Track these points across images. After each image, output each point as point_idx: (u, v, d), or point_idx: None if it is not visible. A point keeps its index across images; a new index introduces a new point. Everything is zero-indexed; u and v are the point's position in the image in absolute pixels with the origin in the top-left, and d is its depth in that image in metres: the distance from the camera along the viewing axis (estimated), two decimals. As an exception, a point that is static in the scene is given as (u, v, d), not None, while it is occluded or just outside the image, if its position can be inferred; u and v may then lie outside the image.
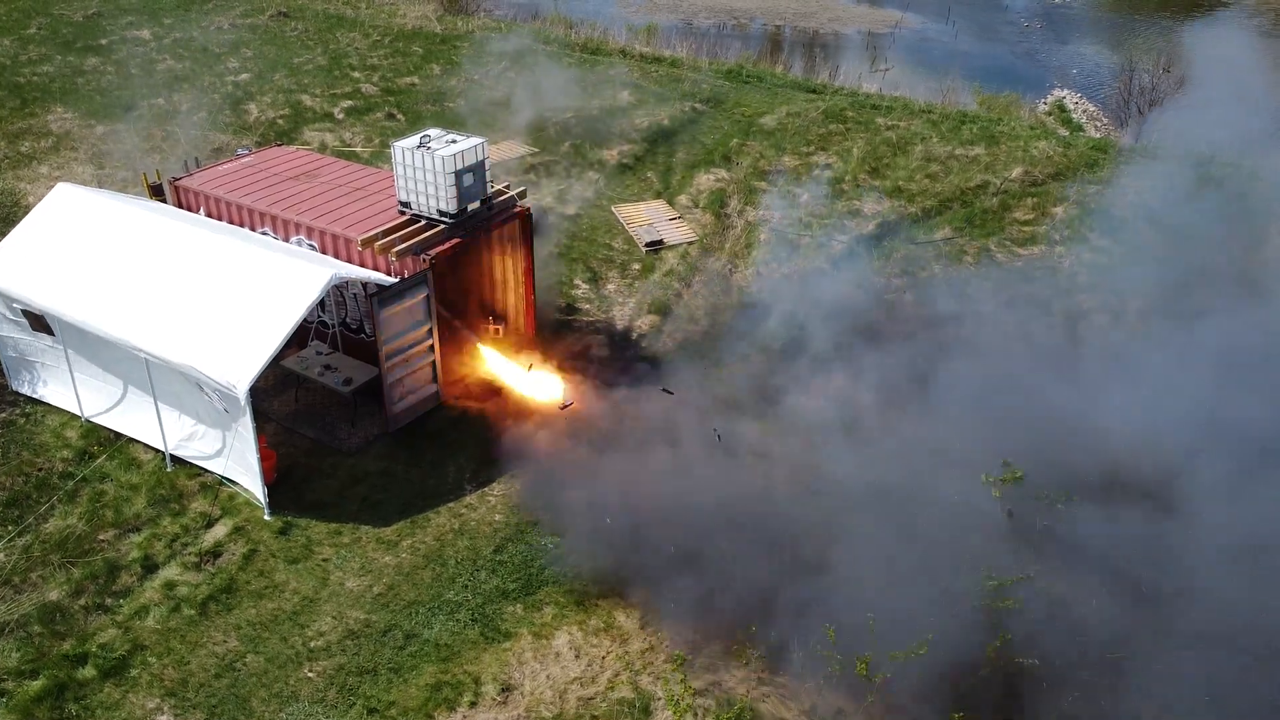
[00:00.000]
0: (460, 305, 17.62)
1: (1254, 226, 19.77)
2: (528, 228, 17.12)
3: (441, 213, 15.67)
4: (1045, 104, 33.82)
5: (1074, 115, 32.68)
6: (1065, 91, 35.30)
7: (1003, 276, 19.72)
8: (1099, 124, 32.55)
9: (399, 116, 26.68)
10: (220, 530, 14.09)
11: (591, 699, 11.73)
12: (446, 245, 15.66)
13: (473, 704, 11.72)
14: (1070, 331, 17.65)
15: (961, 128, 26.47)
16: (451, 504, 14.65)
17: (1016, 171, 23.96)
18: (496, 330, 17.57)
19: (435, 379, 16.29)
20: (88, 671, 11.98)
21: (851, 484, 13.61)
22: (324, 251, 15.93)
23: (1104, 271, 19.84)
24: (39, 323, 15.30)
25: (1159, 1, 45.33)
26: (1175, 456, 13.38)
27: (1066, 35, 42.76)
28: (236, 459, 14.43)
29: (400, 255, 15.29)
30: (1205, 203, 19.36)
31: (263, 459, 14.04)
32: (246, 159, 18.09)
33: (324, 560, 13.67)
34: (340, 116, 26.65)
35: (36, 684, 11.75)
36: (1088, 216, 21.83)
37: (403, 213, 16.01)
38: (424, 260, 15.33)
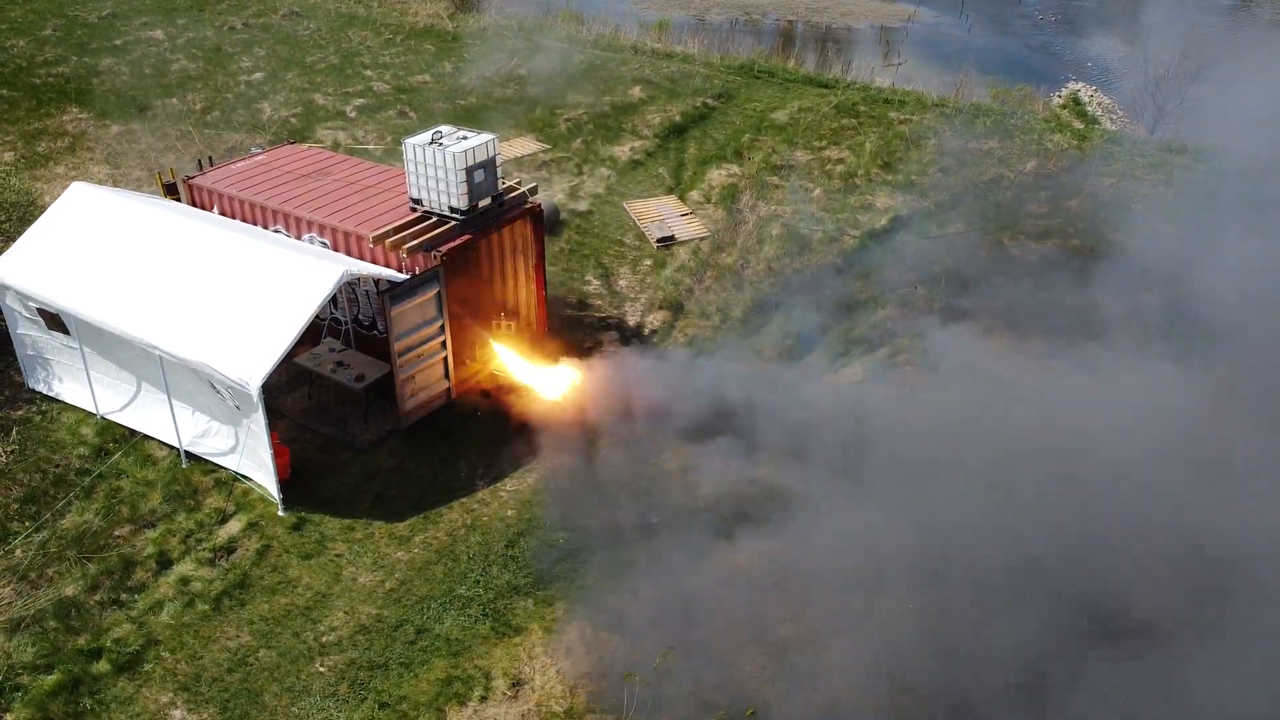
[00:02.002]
0: (472, 301, 17.64)
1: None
2: (539, 224, 17.14)
3: (453, 209, 15.71)
4: (1060, 97, 33.60)
5: (1089, 108, 32.45)
6: (1080, 84, 35.06)
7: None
8: (1114, 116, 32.34)
9: (411, 114, 26.73)
10: (234, 526, 14.18)
11: (601, 694, 11.74)
12: (458, 242, 15.70)
13: (483, 698, 11.76)
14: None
15: (975, 121, 26.32)
16: (464, 499, 14.70)
17: (1031, 165, 23.82)
18: (508, 326, 17.59)
19: (447, 375, 16.33)
20: (102, 666, 12.09)
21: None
22: (336, 248, 15.99)
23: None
24: (54, 321, 15.42)
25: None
26: None
27: (1081, 28, 42.45)
28: (250, 455, 14.52)
29: (411, 252, 15.33)
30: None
31: (276, 455, 14.12)
32: (259, 157, 18.17)
33: (337, 556, 13.73)
34: (352, 115, 26.73)
35: (51, 678, 11.86)
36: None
37: (414, 209, 16.06)
38: (435, 257, 15.37)
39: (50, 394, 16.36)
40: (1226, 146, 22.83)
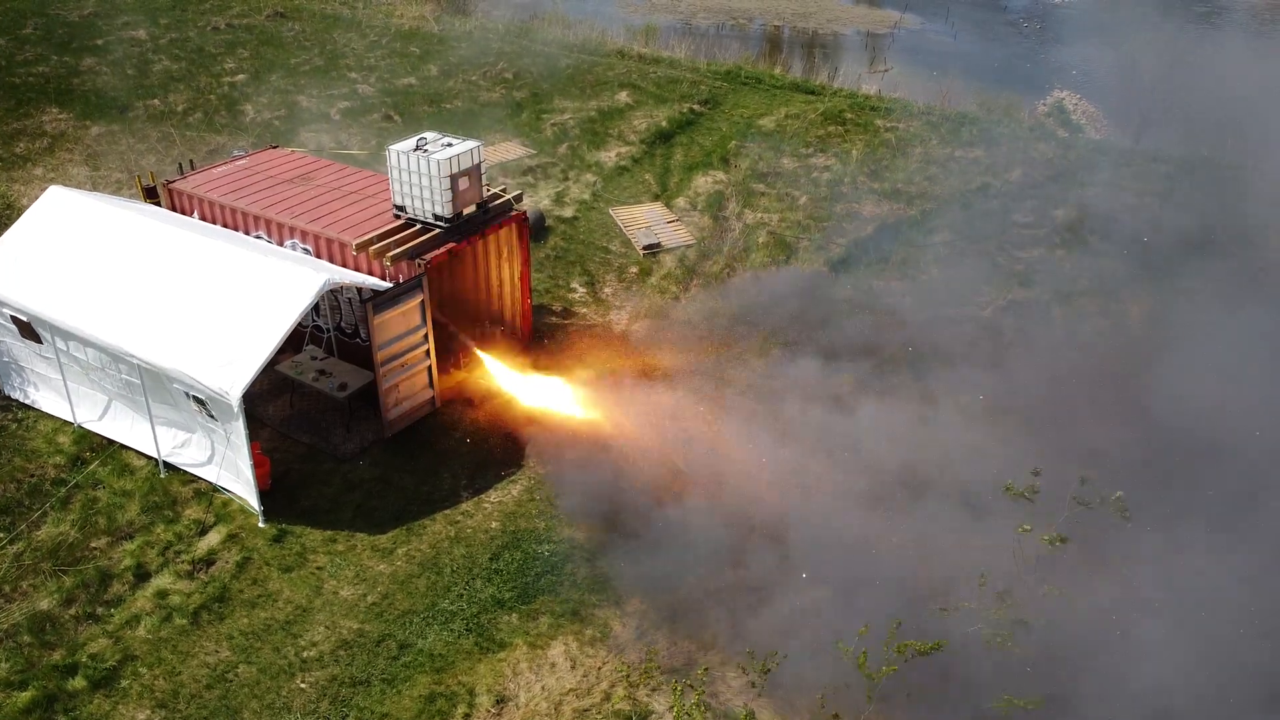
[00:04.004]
0: (456, 309, 17.53)
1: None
2: (524, 231, 17.00)
3: (437, 217, 15.55)
4: (1045, 105, 33.63)
5: (1074, 116, 32.50)
6: (1065, 92, 35.09)
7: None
8: (1099, 125, 32.39)
9: (396, 118, 26.54)
10: (214, 538, 13.95)
11: (587, 711, 11.60)
12: (442, 250, 15.53)
13: (467, 715, 11.60)
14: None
15: (961, 129, 26.35)
16: (447, 511, 14.52)
17: (1016, 174, 23.83)
18: (493, 334, 17.45)
19: (431, 384, 16.16)
20: (78, 682, 11.84)
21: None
22: (319, 256, 15.80)
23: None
24: (27, 330, 15.16)
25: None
26: None
27: (1066, 36, 42.56)
28: (230, 466, 14.30)
29: (395, 260, 15.17)
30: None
31: (257, 466, 13.90)
32: (241, 161, 17.95)
33: (318, 568, 13.53)
34: (337, 118, 26.51)
35: (25, 695, 11.61)
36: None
37: (398, 217, 15.89)
38: (419, 265, 15.20)
39: (26, 402, 16.09)
40: (1211, 155, 22.99)
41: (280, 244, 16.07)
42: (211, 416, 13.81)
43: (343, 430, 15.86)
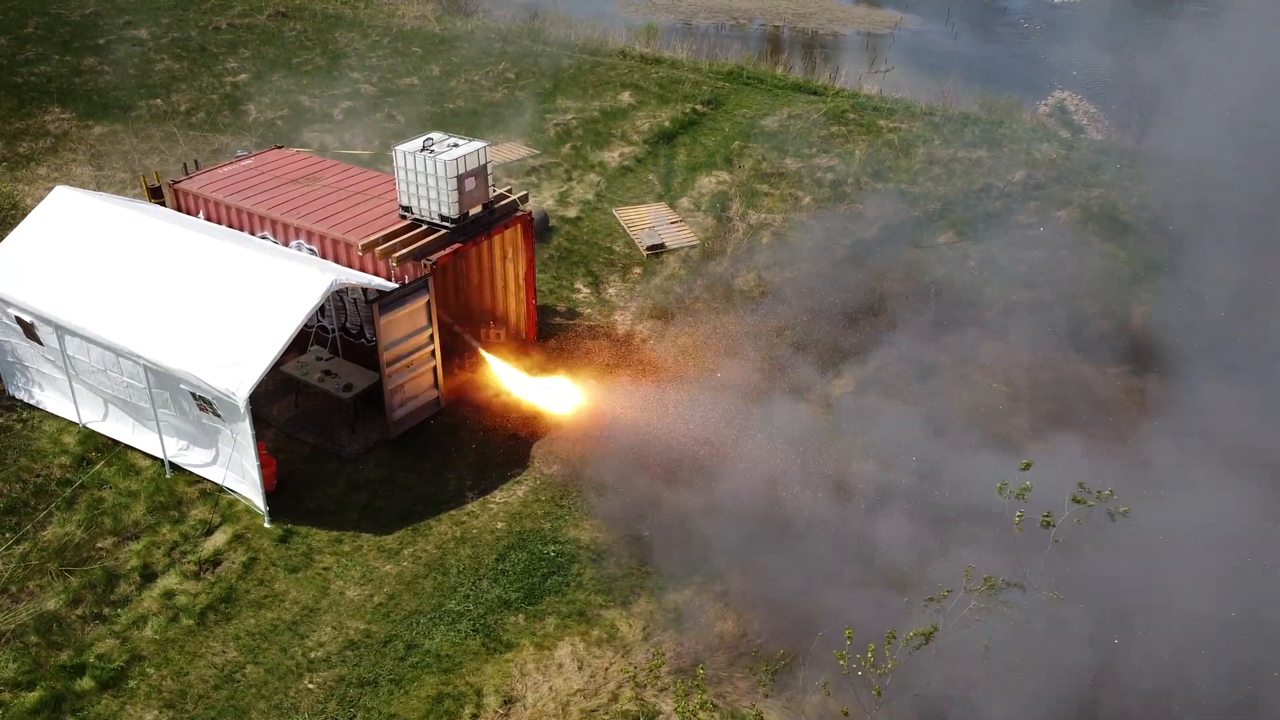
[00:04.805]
0: (461, 310, 17.55)
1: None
2: (529, 232, 17.01)
3: (443, 217, 15.56)
4: (1046, 105, 33.65)
5: (1075, 117, 32.51)
6: (1066, 93, 35.10)
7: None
8: (1100, 125, 32.41)
9: (398, 117, 26.54)
10: (220, 538, 13.95)
11: (594, 711, 11.62)
12: (448, 250, 15.54)
13: (474, 716, 11.61)
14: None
15: (963, 130, 26.35)
16: (453, 511, 14.53)
17: (1019, 174, 23.84)
18: (498, 335, 17.47)
19: (436, 384, 16.16)
20: (85, 683, 11.85)
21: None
22: (324, 256, 15.81)
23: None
24: (30, 331, 15.15)
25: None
26: None
27: (1066, 36, 42.56)
28: (235, 466, 14.30)
29: (401, 260, 15.17)
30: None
31: (263, 466, 13.91)
32: (246, 161, 17.95)
33: (324, 569, 13.54)
34: (339, 118, 26.50)
35: (33, 695, 11.62)
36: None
37: (404, 217, 15.90)
38: (425, 265, 15.21)
39: (31, 402, 16.09)
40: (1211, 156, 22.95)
41: (286, 244, 16.08)
42: (218, 416, 13.81)
43: (347, 431, 15.86)
